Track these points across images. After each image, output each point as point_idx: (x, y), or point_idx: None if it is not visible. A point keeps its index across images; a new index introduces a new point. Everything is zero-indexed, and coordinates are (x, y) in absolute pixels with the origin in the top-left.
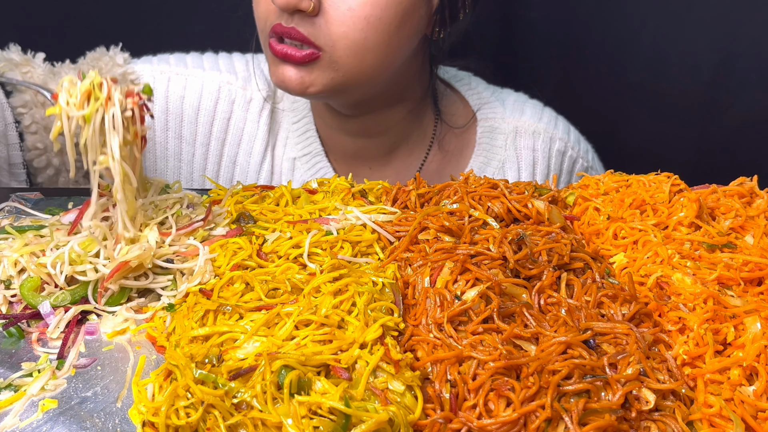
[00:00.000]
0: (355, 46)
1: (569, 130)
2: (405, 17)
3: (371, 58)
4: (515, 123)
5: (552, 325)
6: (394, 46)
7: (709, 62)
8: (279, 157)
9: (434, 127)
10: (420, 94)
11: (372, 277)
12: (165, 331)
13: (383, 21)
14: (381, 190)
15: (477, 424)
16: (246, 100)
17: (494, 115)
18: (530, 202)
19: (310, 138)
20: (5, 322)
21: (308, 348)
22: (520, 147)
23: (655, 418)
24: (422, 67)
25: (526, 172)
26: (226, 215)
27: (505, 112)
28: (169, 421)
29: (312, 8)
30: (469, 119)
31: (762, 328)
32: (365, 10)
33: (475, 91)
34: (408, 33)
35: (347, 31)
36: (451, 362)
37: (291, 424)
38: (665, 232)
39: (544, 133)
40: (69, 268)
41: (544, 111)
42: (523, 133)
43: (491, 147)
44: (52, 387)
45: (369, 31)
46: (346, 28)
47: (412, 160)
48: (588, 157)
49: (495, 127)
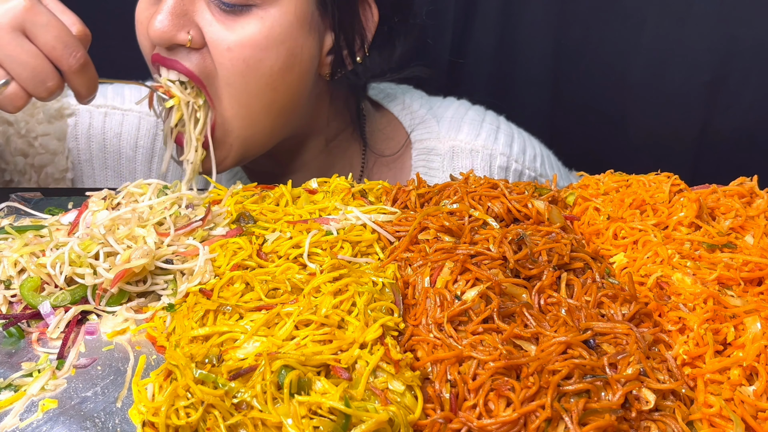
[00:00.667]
0: (237, 94)
1: (511, 141)
2: (290, 59)
3: (257, 104)
4: (451, 143)
5: (552, 325)
6: (281, 90)
7: (709, 62)
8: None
9: (362, 158)
10: (337, 127)
11: (372, 277)
12: (165, 331)
13: (264, 64)
14: (381, 190)
15: (477, 424)
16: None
17: (429, 135)
18: (530, 202)
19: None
20: (5, 322)
21: (308, 348)
22: (458, 168)
23: (655, 418)
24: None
25: None
26: (225, 215)
27: (440, 131)
28: (169, 421)
29: (189, 42)
30: (402, 144)
31: (762, 328)
32: (245, 51)
33: (408, 110)
34: (296, 76)
35: (227, 73)
36: (451, 362)
37: (291, 424)
38: (665, 232)
39: (482, 150)
40: (69, 269)
41: (483, 125)
42: (460, 152)
43: (428, 170)
44: (52, 387)
45: (250, 75)
46: (226, 69)
47: None
48: (536, 165)
49: (431, 148)
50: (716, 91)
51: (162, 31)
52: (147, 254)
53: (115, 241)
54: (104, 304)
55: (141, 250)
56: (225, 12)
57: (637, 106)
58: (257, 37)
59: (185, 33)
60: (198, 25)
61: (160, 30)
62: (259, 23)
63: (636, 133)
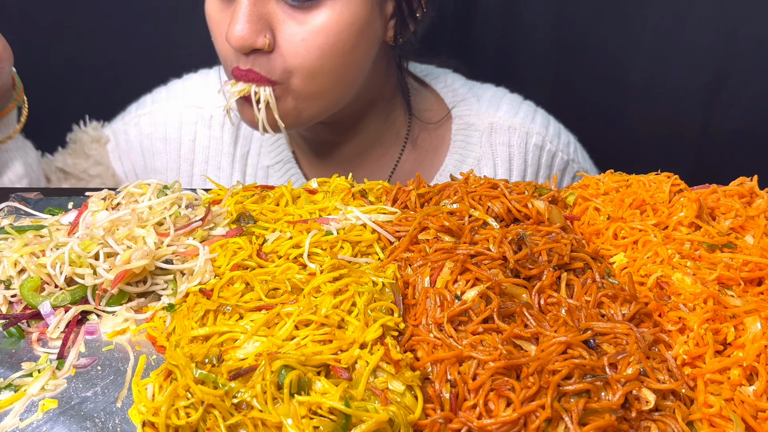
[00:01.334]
0: (311, 74)
1: (548, 124)
2: (359, 37)
3: (328, 81)
4: (490, 119)
5: (552, 325)
6: (351, 64)
7: (709, 62)
8: (252, 166)
9: (407, 126)
10: (389, 93)
11: (372, 277)
12: (165, 331)
13: (337, 46)
14: (381, 190)
15: (477, 424)
16: (206, 118)
17: (469, 111)
18: (530, 202)
19: (281, 146)
20: (5, 322)
21: (308, 348)
22: (496, 143)
23: (655, 418)
24: (389, 67)
25: (502, 168)
26: (226, 215)
27: (480, 108)
28: (169, 421)
29: (267, 45)
30: (443, 116)
31: (762, 328)
32: (318, 39)
33: (450, 87)
34: (364, 49)
35: (303, 62)
36: (451, 362)
37: (291, 424)
38: (665, 232)
39: (519, 128)
40: (69, 269)
41: (522, 105)
42: (498, 129)
43: (466, 144)
44: (52, 387)
45: (324, 59)
46: (301, 59)
47: (386, 161)
48: (569, 150)
49: (470, 124)
50: (716, 91)
51: (242, 38)
52: (147, 255)
53: (114, 242)
54: (104, 304)
55: (141, 251)
56: (295, 8)
57: (637, 106)
58: (329, 25)
59: (263, 37)
60: (271, 26)
61: (241, 38)
62: (329, 12)
63: (636, 133)
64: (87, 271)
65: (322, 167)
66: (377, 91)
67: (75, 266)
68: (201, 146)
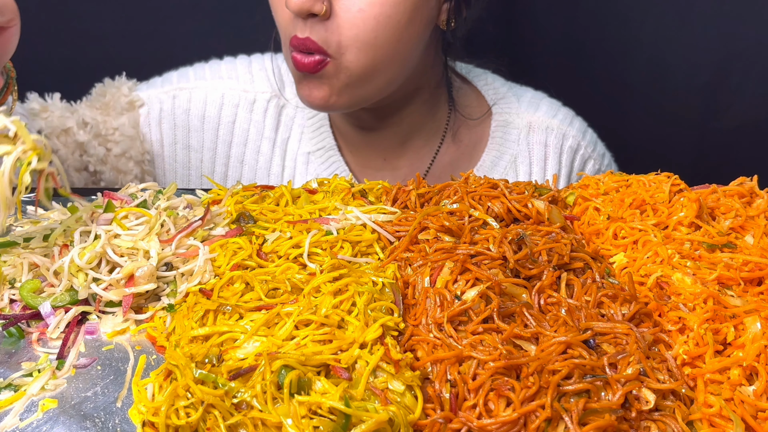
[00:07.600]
0: (365, 47)
1: (585, 130)
2: (415, 12)
3: (382, 55)
4: (529, 118)
5: (552, 325)
6: (404, 40)
7: (709, 62)
8: (293, 152)
9: (448, 118)
10: (434, 84)
11: (372, 277)
12: (165, 331)
13: (393, 18)
14: (381, 190)
15: (477, 424)
16: (249, 102)
17: (509, 110)
18: (530, 202)
19: (324, 133)
20: (5, 322)
21: (308, 348)
22: (533, 142)
23: (655, 418)
24: (436, 56)
25: (538, 167)
26: (225, 215)
27: (520, 108)
28: (169, 421)
29: (324, 11)
30: (484, 113)
31: (762, 328)
32: (374, 9)
33: (491, 86)
34: (418, 27)
35: (358, 33)
36: (451, 362)
37: (291, 424)
38: (665, 232)
39: (557, 129)
40: (67, 283)
41: (561, 109)
42: (536, 128)
43: (504, 141)
44: (52, 387)
45: (379, 30)
46: (357, 30)
47: (425, 152)
48: (603, 160)
49: (509, 122)
50: (716, 91)
51: (302, 2)
52: (151, 276)
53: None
54: (104, 304)
55: (145, 269)
56: None
57: (637, 106)
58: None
59: (320, 3)
60: None
61: (300, 2)
62: None
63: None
64: (92, 285)
65: (364, 155)
66: (423, 79)
67: (75, 278)
68: (241, 129)
